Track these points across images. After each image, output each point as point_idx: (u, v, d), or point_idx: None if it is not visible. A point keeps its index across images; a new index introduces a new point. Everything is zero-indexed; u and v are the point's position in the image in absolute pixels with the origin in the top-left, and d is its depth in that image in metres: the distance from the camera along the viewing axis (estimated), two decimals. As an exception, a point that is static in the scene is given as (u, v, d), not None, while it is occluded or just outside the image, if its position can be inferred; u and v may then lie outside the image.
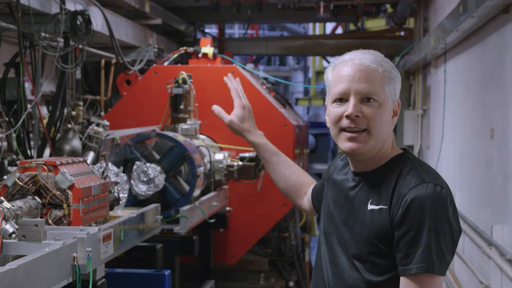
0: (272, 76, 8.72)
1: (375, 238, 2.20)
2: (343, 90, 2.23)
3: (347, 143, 2.23)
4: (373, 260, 2.21)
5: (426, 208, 2.13)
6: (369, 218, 2.23)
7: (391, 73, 2.27)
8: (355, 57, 2.25)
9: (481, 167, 4.83)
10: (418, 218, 2.12)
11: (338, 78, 2.25)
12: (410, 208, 2.14)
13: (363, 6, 8.78)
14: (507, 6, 4.04)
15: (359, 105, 2.21)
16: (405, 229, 2.14)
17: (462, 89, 5.77)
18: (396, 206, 2.17)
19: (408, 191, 2.16)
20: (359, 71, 2.22)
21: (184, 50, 5.98)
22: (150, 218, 3.54)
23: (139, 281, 3.58)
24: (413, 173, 2.21)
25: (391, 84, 2.26)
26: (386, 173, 2.26)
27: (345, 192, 2.34)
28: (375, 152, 2.25)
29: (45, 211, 2.79)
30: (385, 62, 2.26)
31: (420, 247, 2.11)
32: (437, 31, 6.01)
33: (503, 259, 3.89)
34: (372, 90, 2.21)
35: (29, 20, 4.01)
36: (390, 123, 2.28)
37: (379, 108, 2.22)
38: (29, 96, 4.25)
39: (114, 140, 4.22)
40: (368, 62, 2.23)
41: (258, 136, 2.98)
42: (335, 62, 2.32)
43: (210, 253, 5.10)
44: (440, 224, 2.13)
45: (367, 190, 2.27)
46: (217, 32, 10.11)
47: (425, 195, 2.14)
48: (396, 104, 2.30)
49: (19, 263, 2.11)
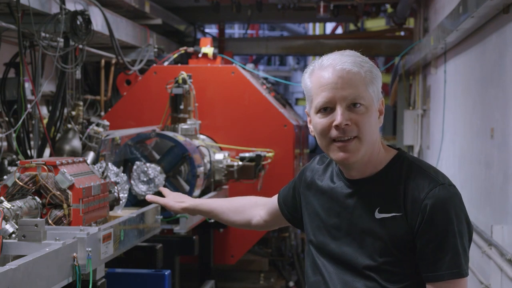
0: (272, 76, 8.73)
1: (392, 247, 2.12)
2: (327, 99, 2.12)
3: (339, 153, 2.13)
4: (389, 269, 2.13)
5: (449, 211, 2.09)
6: (380, 227, 2.14)
7: (372, 72, 2.16)
8: (334, 62, 2.14)
9: (481, 167, 4.83)
10: (443, 223, 2.08)
11: (319, 86, 2.14)
12: (433, 214, 2.08)
13: (363, 6, 8.79)
14: (507, 6, 4.04)
15: (347, 113, 2.10)
16: (430, 236, 2.09)
17: (462, 89, 5.77)
18: (414, 212, 2.10)
19: (426, 196, 2.09)
20: (341, 77, 2.11)
21: (184, 50, 5.98)
22: (150, 218, 3.54)
23: (139, 281, 3.57)
24: (422, 175, 2.14)
25: (374, 84, 2.16)
26: (388, 177, 2.18)
27: (341, 201, 2.23)
28: (368, 157, 2.17)
29: (45, 211, 2.79)
30: (364, 63, 2.16)
31: (449, 252, 2.08)
32: (437, 31, 6.01)
33: (503, 259, 3.89)
34: (358, 95, 2.11)
35: (29, 20, 4.01)
36: (378, 124, 2.19)
37: (367, 112, 2.12)
38: (29, 96, 4.25)
39: (114, 140, 4.22)
40: (349, 66, 2.12)
41: (191, 202, 2.83)
42: (312, 67, 2.19)
43: (210, 253, 5.10)
44: (461, 225, 2.11)
45: (369, 197, 2.18)
46: (217, 32, 10.12)
47: (445, 197, 2.09)
48: (380, 103, 2.20)
49: (19, 263, 2.11)
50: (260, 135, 5.35)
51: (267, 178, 5.23)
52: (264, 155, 5.11)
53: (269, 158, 5.22)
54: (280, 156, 5.35)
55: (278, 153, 5.33)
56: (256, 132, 5.36)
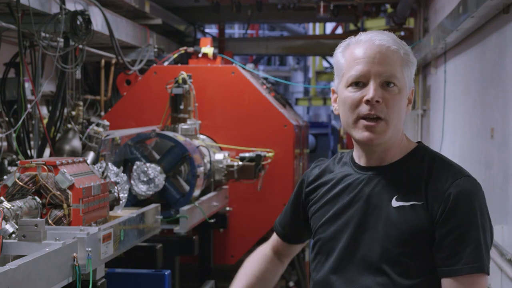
0: (272, 76, 8.73)
1: (409, 236, 1.99)
2: (362, 73, 2.01)
3: (364, 133, 2.02)
4: (404, 261, 2.00)
5: (473, 203, 1.97)
6: (397, 215, 2.02)
7: (409, 56, 2.08)
8: (373, 37, 2.04)
9: (481, 167, 4.83)
10: (467, 214, 1.96)
11: (354, 59, 2.04)
12: (457, 203, 1.96)
13: (363, 6, 8.79)
14: (507, 6, 4.04)
15: (380, 90, 2.00)
16: (452, 226, 1.96)
17: (462, 89, 5.77)
18: (436, 201, 1.98)
19: (450, 186, 1.98)
20: (379, 52, 2.01)
21: (184, 50, 5.98)
22: (150, 218, 3.54)
23: (139, 281, 3.57)
24: (446, 166, 2.04)
25: (410, 69, 2.08)
26: (409, 166, 2.06)
27: (352, 191, 2.10)
28: (392, 142, 2.06)
29: (45, 211, 2.79)
30: (404, 44, 2.08)
31: (471, 245, 1.94)
32: (437, 31, 6.01)
33: (503, 259, 3.89)
34: (393, 74, 2.01)
35: (29, 20, 4.01)
36: (405, 111, 2.08)
37: (399, 94, 2.02)
38: (29, 96, 4.25)
39: (114, 140, 4.22)
40: (390, 43, 2.03)
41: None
42: (347, 42, 2.10)
43: (210, 253, 5.10)
44: (485, 220, 1.98)
45: (386, 186, 2.06)
46: (217, 32, 10.12)
47: (470, 189, 1.98)
48: (411, 91, 2.11)
49: (19, 263, 2.11)
50: (260, 135, 5.35)
51: (267, 178, 5.23)
52: (264, 155, 5.12)
53: (269, 158, 5.22)
54: (280, 156, 5.35)
55: (278, 153, 5.33)
56: (256, 132, 5.35)
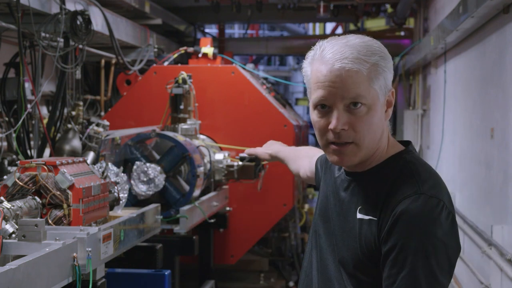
0: (272, 76, 8.73)
1: (361, 252, 1.93)
2: (324, 98, 1.93)
3: (333, 156, 1.97)
4: (358, 276, 1.95)
5: (414, 225, 1.84)
6: (357, 228, 1.96)
7: (379, 66, 1.93)
8: (334, 56, 1.92)
9: (481, 167, 4.83)
10: (403, 236, 1.84)
11: (317, 81, 1.95)
12: (397, 223, 1.85)
13: (363, 6, 8.79)
14: (507, 6, 4.04)
15: (344, 115, 1.91)
16: (390, 246, 1.87)
17: (462, 89, 5.77)
18: (385, 218, 1.89)
19: (399, 203, 1.87)
20: (339, 76, 1.90)
21: (184, 50, 5.98)
22: (150, 218, 3.54)
23: (139, 281, 3.57)
24: (409, 180, 1.92)
25: (380, 79, 1.93)
26: (380, 176, 1.98)
27: (337, 192, 2.08)
28: (369, 156, 1.98)
29: (45, 211, 2.79)
30: (369, 55, 1.92)
31: (404, 270, 1.83)
32: (437, 31, 6.01)
33: (503, 259, 3.89)
34: (358, 94, 1.90)
35: (29, 20, 4.01)
36: (384, 120, 1.98)
37: (368, 113, 1.92)
38: (29, 96, 4.25)
39: (114, 140, 4.22)
40: (350, 65, 1.90)
41: (274, 149, 3.08)
42: (313, 53, 2.00)
43: (210, 253, 5.10)
44: (430, 244, 1.83)
45: (357, 194, 2.01)
46: (217, 32, 10.13)
47: (415, 209, 1.85)
48: (390, 94, 1.98)
49: (19, 263, 2.11)
50: (260, 135, 5.34)
51: (267, 178, 5.22)
52: (264, 155, 5.11)
53: (269, 158, 5.21)
54: (280, 156, 5.34)
55: (278, 153, 5.32)
56: (256, 132, 5.35)
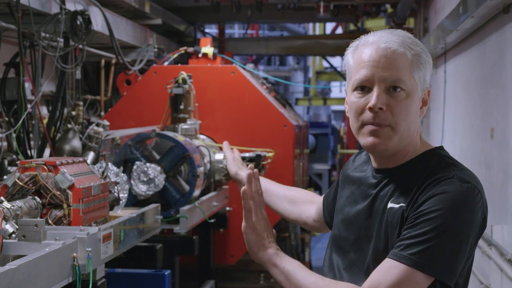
0: (272, 76, 8.73)
1: (389, 244, 1.91)
2: (365, 78, 1.94)
3: (368, 138, 1.94)
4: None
5: (447, 201, 1.84)
6: (386, 216, 1.94)
7: (421, 57, 1.98)
8: (380, 39, 1.96)
9: (481, 167, 4.83)
10: (433, 205, 1.83)
11: (360, 62, 1.97)
12: (429, 199, 1.85)
13: (363, 6, 8.79)
14: (507, 6, 4.04)
15: (384, 96, 1.92)
16: (415, 212, 1.85)
17: (462, 89, 5.77)
18: (418, 199, 1.88)
19: (435, 186, 1.87)
20: (384, 56, 1.93)
21: (184, 50, 5.98)
22: (150, 218, 3.54)
23: (139, 281, 3.57)
24: (446, 168, 1.92)
25: (421, 70, 1.96)
26: (413, 169, 1.96)
27: (364, 191, 2.05)
28: (401, 148, 1.97)
29: (45, 211, 2.79)
30: (414, 45, 1.98)
31: (418, 238, 1.82)
32: (437, 31, 6.01)
33: (503, 259, 3.89)
34: (399, 78, 1.92)
35: (29, 20, 4.01)
36: (418, 115, 1.99)
37: (407, 99, 1.93)
38: (29, 96, 4.25)
39: (114, 140, 4.22)
40: (395, 46, 1.94)
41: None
42: (357, 43, 2.04)
43: (210, 253, 5.10)
44: (456, 224, 1.84)
45: (390, 189, 1.98)
46: (217, 32, 10.12)
47: (452, 190, 1.85)
48: (426, 93, 2.00)
49: (19, 263, 2.11)
50: (260, 135, 5.34)
51: (267, 178, 5.21)
52: (264, 155, 5.11)
53: (269, 158, 5.22)
54: (280, 156, 5.34)
55: (278, 153, 5.32)
56: (256, 132, 5.35)
